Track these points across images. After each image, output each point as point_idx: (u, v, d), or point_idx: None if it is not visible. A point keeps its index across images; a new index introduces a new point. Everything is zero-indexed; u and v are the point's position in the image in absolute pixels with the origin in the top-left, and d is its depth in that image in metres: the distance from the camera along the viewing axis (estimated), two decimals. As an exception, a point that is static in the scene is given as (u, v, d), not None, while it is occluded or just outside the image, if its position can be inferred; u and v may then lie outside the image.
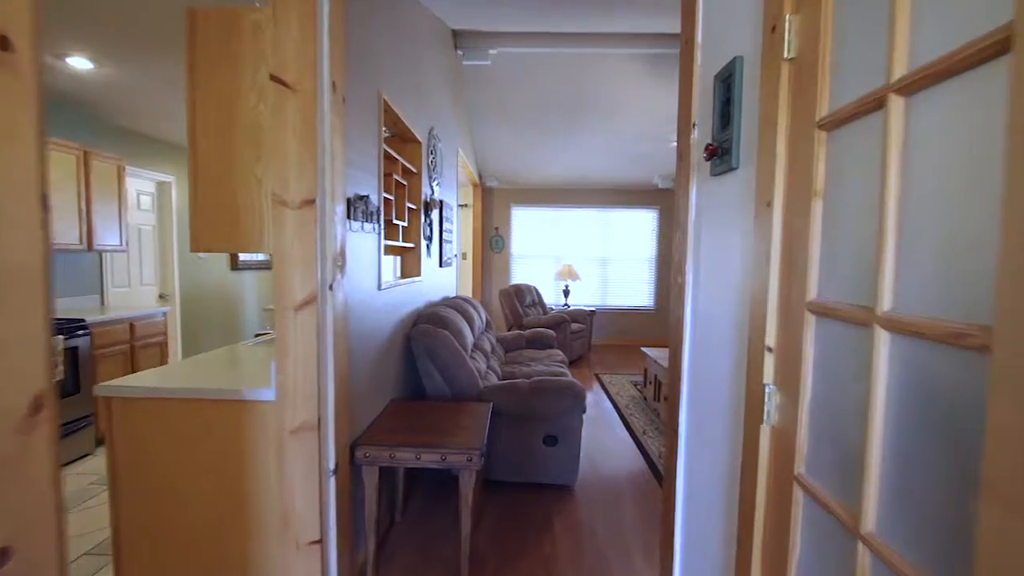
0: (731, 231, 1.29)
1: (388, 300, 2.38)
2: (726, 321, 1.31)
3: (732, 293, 1.28)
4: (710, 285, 1.43)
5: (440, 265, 3.79)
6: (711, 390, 1.41)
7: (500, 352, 4.21)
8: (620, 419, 4.02)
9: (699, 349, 1.51)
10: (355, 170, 1.87)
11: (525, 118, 5.45)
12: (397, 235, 2.63)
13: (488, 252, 7.47)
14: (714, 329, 1.39)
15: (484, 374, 3.07)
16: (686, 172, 1.57)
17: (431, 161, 3.28)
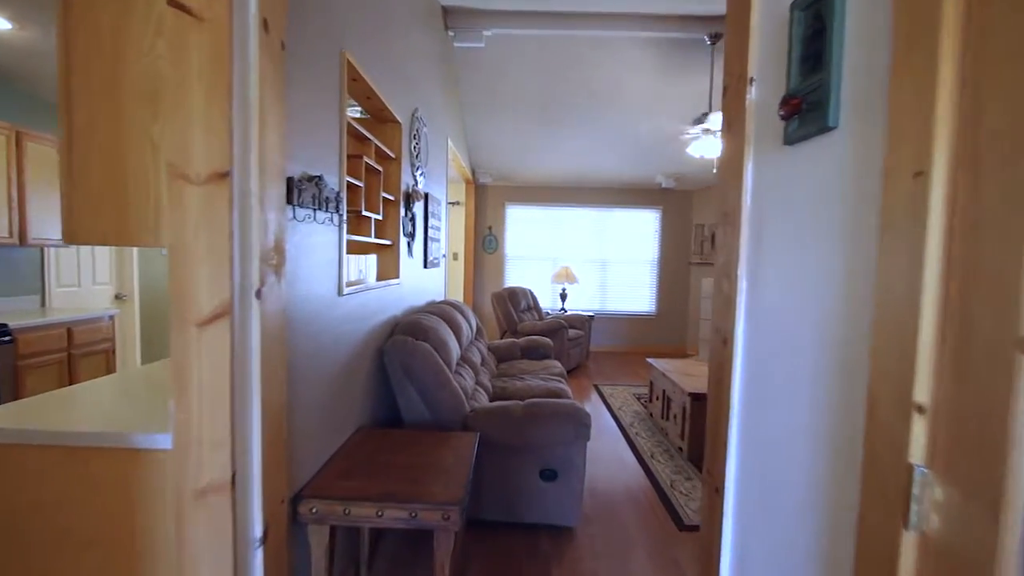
0: (821, 220, 0.89)
1: (354, 307, 1.97)
2: (809, 351, 0.91)
3: (823, 311, 0.88)
4: (779, 297, 1.03)
5: (425, 266, 3.38)
6: (780, 444, 1.00)
7: (492, 363, 3.80)
8: (624, 438, 3.62)
9: (757, 384, 1.11)
10: (303, 143, 1.46)
11: (521, 109, 5.05)
12: (368, 230, 2.22)
13: (481, 253, 7.07)
14: (785, 360, 0.99)
15: (472, 392, 2.66)
16: (738, 146, 1.17)
17: (414, 147, 2.87)
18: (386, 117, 2.47)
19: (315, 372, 1.60)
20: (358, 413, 2.06)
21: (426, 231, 3.36)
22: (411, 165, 2.88)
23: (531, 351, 4.16)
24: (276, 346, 1.24)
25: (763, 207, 1.10)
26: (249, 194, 1.11)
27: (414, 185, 2.88)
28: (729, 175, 1.22)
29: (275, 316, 1.23)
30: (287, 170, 1.33)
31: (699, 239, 6.79)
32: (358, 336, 2.05)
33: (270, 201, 1.19)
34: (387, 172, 2.55)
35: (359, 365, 2.07)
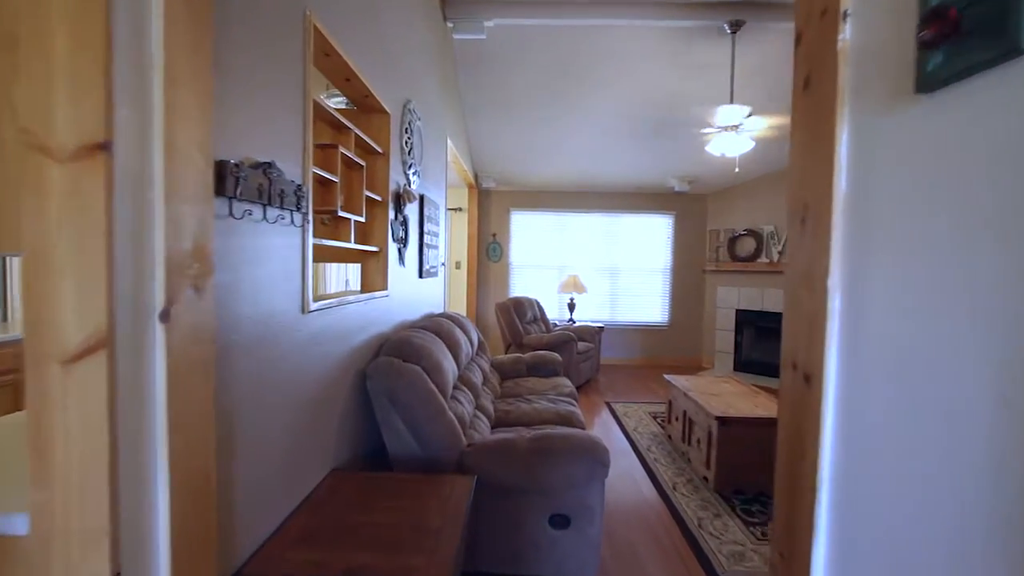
0: (1001, 205, 0.56)
1: (327, 325, 1.65)
2: (980, 415, 0.57)
3: (1012, 353, 0.54)
4: (903, 325, 0.69)
5: (420, 275, 3.06)
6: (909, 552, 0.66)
7: (495, 381, 3.46)
8: (641, 464, 3.26)
9: (860, 448, 0.77)
10: (250, 121, 1.15)
11: (526, 108, 4.76)
12: (348, 234, 1.90)
13: (484, 262, 6.75)
14: (921, 421, 0.66)
15: (470, 420, 2.33)
16: (822, 109, 0.84)
17: (406, 142, 2.57)
18: (372, 106, 2.17)
19: (269, 409, 1.28)
20: (333, 451, 1.73)
21: (421, 237, 3.05)
22: (402, 162, 2.57)
23: (538, 367, 3.82)
24: (197, 385, 0.92)
25: (870, 191, 0.77)
26: (145, 177, 0.79)
27: (406, 185, 2.57)
28: (808, 151, 0.89)
29: (195, 345, 0.91)
30: (218, 151, 1.02)
31: (714, 246, 6.44)
32: (333, 359, 1.72)
33: (184, 189, 0.87)
34: (372, 168, 2.24)
35: (335, 393, 1.75)
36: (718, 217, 6.50)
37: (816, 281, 0.85)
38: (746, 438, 2.82)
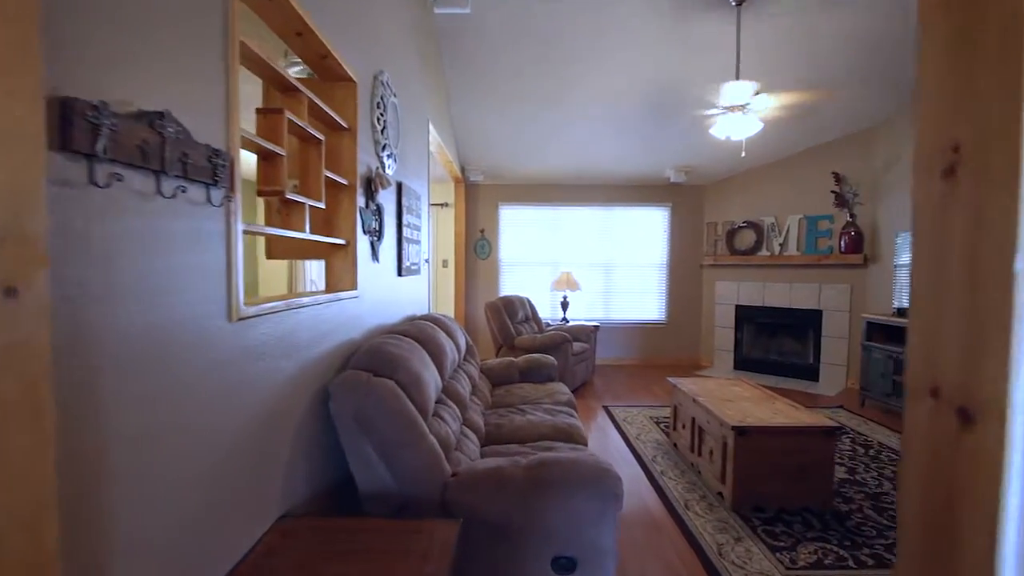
0: None
1: (268, 336, 1.31)
2: None
3: None
4: None
5: (399, 273, 2.72)
6: None
7: (485, 388, 3.13)
8: (647, 477, 2.96)
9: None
10: (124, 47, 0.81)
11: (514, 94, 4.43)
12: (302, 221, 1.56)
13: (473, 259, 6.42)
14: None
15: (457, 440, 2.00)
16: None
17: (378, 119, 2.23)
18: (334, 71, 1.83)
19: (172, 452, 0.94)
20: (281, 493, 1.39)
21: (400, 230, 2.71)
22: (374, 142, 2.23)
23: (532, 372, 3.50)
24: (11, 434, 0.59)
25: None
26: None
27: (379, 168, 2.23)
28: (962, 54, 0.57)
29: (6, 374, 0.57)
30: (57, 83, 0.68)
31: (712, 239, 6.17)
32: (284, 377, 1.39)
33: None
34: (336, 145, 1.90)
35: (284, 419, 1.41)
36: (716, 209, 6.23)
37: (985, 260, 0.54)
38: (765, 449, 2.53)
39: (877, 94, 4.41)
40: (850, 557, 2.14)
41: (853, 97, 4.37)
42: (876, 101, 4.52)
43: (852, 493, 2.75)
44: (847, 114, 4.71)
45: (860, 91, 4.30)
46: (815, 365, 5.41)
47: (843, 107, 4.53)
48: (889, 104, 4.57)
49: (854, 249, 5.03)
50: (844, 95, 4.28)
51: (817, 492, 2.54)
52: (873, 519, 2.46)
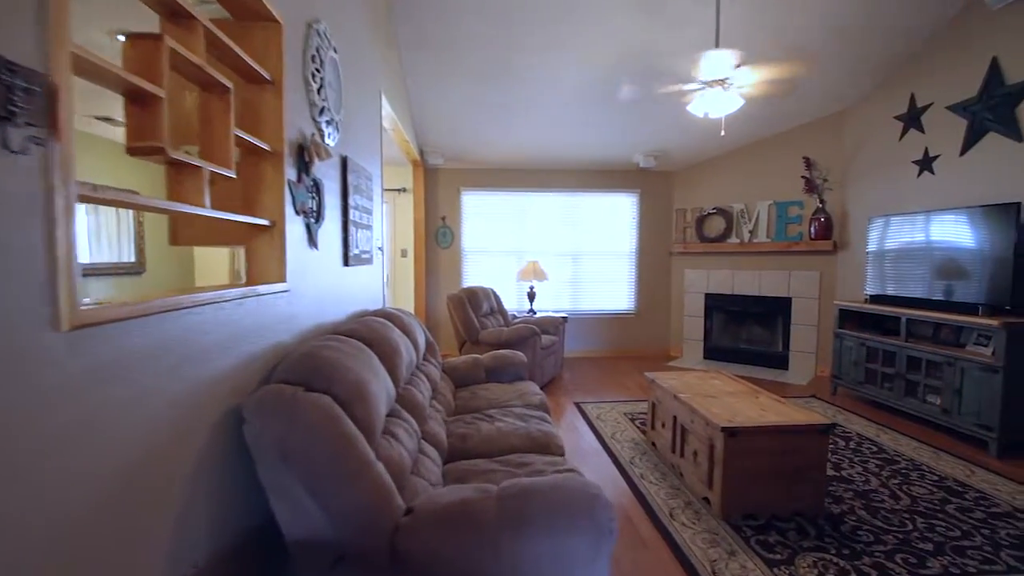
0: None
1: (131, 350, 0.94)
2: None
3: None
4: None
5: (346, 263, 2.35)
6: None
7: (448, 391, 2.81)
8: (627, 482, 2.71)
9: None
10: None
11: (475, 69, 4.06)
12: (198, 192, 1.18)
13: (434, 248, 6.04)
14: None
15: (413, 461, 1.67)
16: None
17: (312, 75, 1.84)
18: (249, 6, 1.44)
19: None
20: (170, 553, 1.04)
21: (346, 212, 2.34)
22: (309, 103, 1.85)
23: (499, 371, 3.20)
24: None
25: None
26: None
27: (315, 135, 1.85)
28: None
29: None
30: None
31: (681, 226, 6.01)
32: (164, 400, 1.03)
33: None
34: (253, 102, 1.52)
35: (172, 458, 1.05)
36: (685, 195, 6.06)
37: None
38: (756, 451, 2.32)
39: (849, 75, 4.29)
40: (852, 570, 1.95)
41: (827, 77, 4.23)
42: (847, 82, 4.41)
43: (841, 491, 2.59)
44: (818, 97, 4.59)
45: (834, 72, 4.16)
46: (784, 353, 5.34)
47: (815, 88, 4.40)
48: (862, 85, 4.47)
49: (823, 235, 4.95)
50: (821, 70, 4.13)
51: (810, 495, 2.36)
52: (867, 522, 2.30)
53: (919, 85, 4.06)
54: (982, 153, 3.58)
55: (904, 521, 2.30)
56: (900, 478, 2.74)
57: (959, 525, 2.27)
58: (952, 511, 2.39)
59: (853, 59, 4.04)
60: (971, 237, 3.37)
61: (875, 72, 4.29)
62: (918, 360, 3.60)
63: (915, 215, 3.83)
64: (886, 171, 4.41)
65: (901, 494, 2.56)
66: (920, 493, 2.57)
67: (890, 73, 4.31)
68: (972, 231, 3.37)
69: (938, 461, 2.98)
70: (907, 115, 4.18)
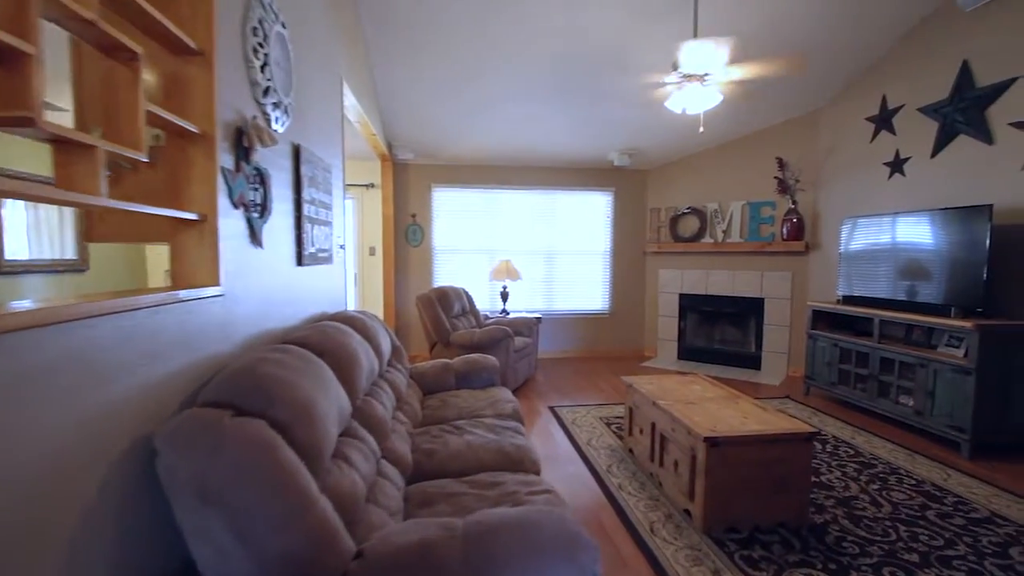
0: None
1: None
2: None
3: None
4: None
5: (299, 262, 2.13)
6: None
7: (415, 401, 2.61)
8: (604, 493, 2.58)
9: None
10: None
11: (445, 60, 3.87)
12: (92, 179, 0.96)
13: (403, 246, 5.80)
14: None
15: (369, 488, 1.48)
16: None
17: (255, 50, 1.63)
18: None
19: None
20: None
21: (299, 206, 2.12)
22: (250, 83, 1.63)
23: (470, 376, 3.02)
24: None
25: None
26: None
27: (256, 118, 1.63)
28: None
29: None
30: None
31: (656, 225, 5.95)
32: (29, 437, 0.82)
33: None
34: (177, 76, 1.30)
35: (54, 504, 0.84)
36: (659, 194, 6.00)
37: None
38: (739, 461, 2.21)
39: (822, 74, 4.27)
40: (840, 586, 1.85)
41: (800, 78, 4.20)
42: (820, 82, 4.39)
43: (822, 499, 2.51)
44: (792, 97, 4.57)
45: (810, 71, 4.13)
46: (757, 354, 5.33)
47: (789, 88, 4.36)
48: (835, 85, 4.46)
49: (796, 236, 4.94)
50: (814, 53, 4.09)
51: (793, 505, 2.27)
52: (851, 532, 2.22)
53: (890, 87, 4.07)
54: (953, 155, 3.59)
55: (887, 530, 2.23)
56: (879, 483, 2.69)
57: (941, 533, 2.21)
58: (933, 518, 2.34)
59: (827, 58, 4.02)
60: (944, 239, 3.37)
61: (847, 72, 4.29)
62: (891, 361, 3.59)
63: (886, 216, 3.82)
64: (858, 172, 4.42)
65: (882, 500, 2.50)
66: (900, 499, 2.52)
67: (862, 74, 4.31)
68: (944, 233, 3.37)
69: (914, 464, 2.95)
70: (879, 117, 4.19)
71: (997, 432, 3.04)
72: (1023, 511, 2.41)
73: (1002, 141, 3.26)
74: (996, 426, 3.04)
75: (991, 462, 2.98)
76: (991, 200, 3.26)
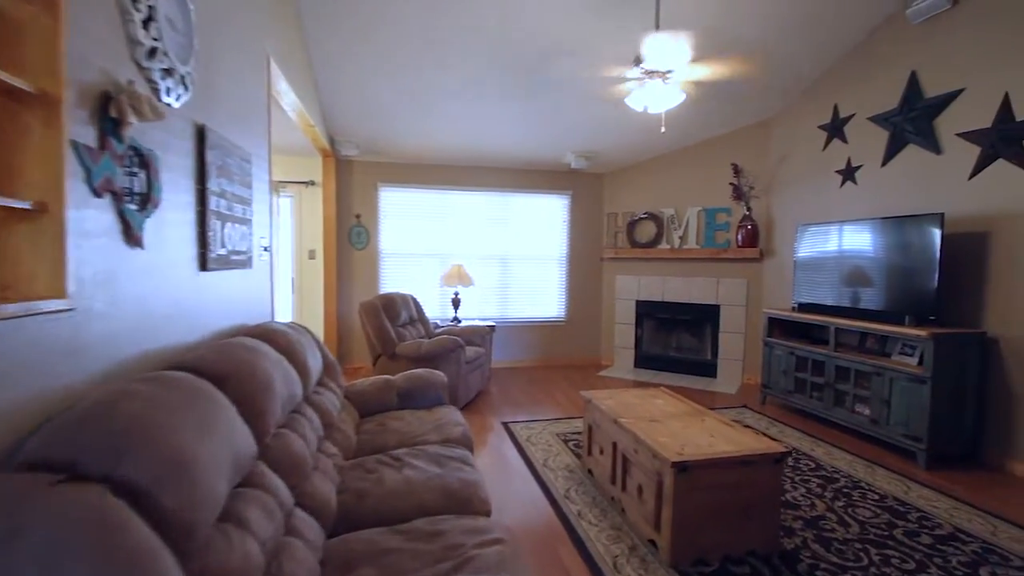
0: None
1: None
2: None
3: None
4: None
5: (204, 266, 1.78)
6: None
7: (350, 425, 2.29)
8: (561, 522, 2.34)
9: None
10: None
11: (392, 46, 3.56)
12: None
13: (347, 249, 5.41)
14: None
15: (268, 562, 1.17)
16: None
17: (134, 1, 1.29)
18: None
19: None
20: None
21: (204, 199, 1.77)
22: (128, 39, 1.29)
23: (414, 395, 2.72)
24: None
25: None
26: None
27: (133, 83, 1.29)
28: None
29: None
30: None
31: (612, 230, 5.83)
32: None
33: None
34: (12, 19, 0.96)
35: None
36: (616, 199, 5.89)
37: None
38: (709, 487, 2.03)
39: (777, 82, 4.26)
40: (820, 626, 1.69)
41: (755, 84, 4.17)
42: (775, 90, 4.39)
43: (790, 520, 2.38)
44: (747, 103, 4.54)
45: (765, 77, 4.10)
46: (713, 361, 5.28)
47: (746, 93, 4.33)
48: (789, 92, 4.47)
49: (750, 243, 4.93)
50: (757, 69, 4.05)
51: (763, 530, 2.11)
52: (823, 557, 2.08)
53: (842, 95, 4.10)
54: (903, 164, 3.62)
55: (859, 553, 2.11)
56: (844, 499, 2.59)
57: (911, 554, 2.11)
58: (901, 537, 2.25)
59: (782, 65, 4.00)
60: (896, 247, 3.37)
61: (801, 80, 4.30)
62: (847, 370, 3.56)
63: (839, 224, 3.82)
64: (811, 180, 4.44)
65: (849, 519, 2.39)
66: (866, 516, 2.42)
67: (815, 82, 4.34)
68: (897, 241, 3.37)
69: (874, 476, 2.89)
70: (830, 125, 4.21)
71: (952, 442, 3.04)
72: (983, 524, 2.37)
73: (950, 151, 3.30)
74: (951, 436, 3.04)
75: (946, 472, 2.97)
76: (940, 208, 3.29)
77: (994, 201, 3.06)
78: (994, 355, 3.05)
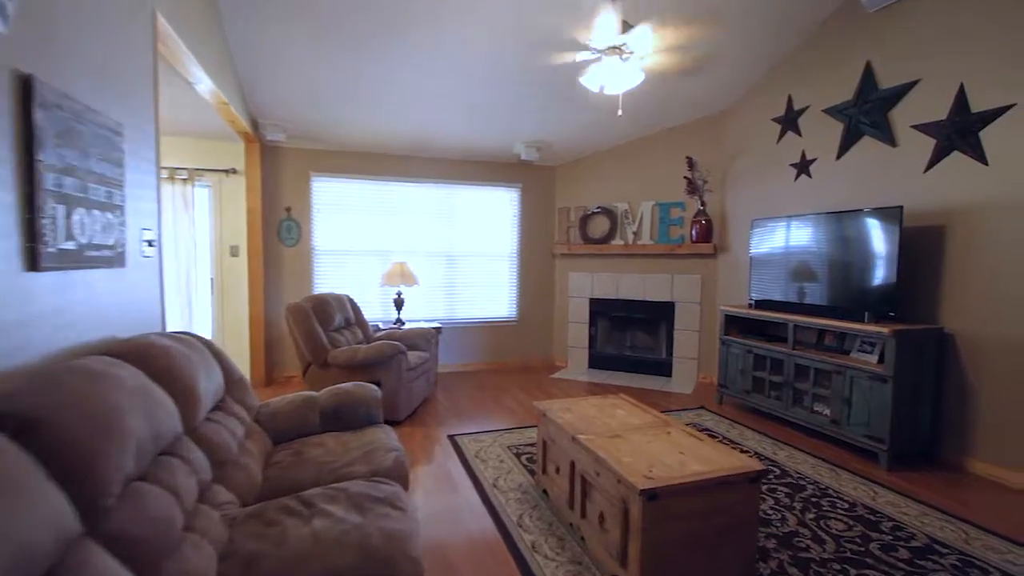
0: None
1: None
2: None
3: None
4: None
5: (35, 265, 1.33)
6: None
7: (256, 459, 1.88)
8: (513, 557, 2.03)
9: None
10: None
11: (324, 23, 3.11)
12: None
13: (275, 245, 4.87)
14: None
15: None
16: None
17: None
18: None
19: None
20: None
21: (31, 176, 1.32)
22: None
23: (342, 414, 2.32)
24: None
25: None
26: None
27: None
28: None
29: None
30: None
31: (565, 225, 5.58)
32: None
33: None
34: None
35: None
36: (568, 193, 5.64)
37: None
38: (680, 514, 1.77)
39: (733, 70, 4.13)
40: (812, 678, 1.46)
41: (711, 76, 4.01)
42: (729, 81, 4.25)
43: (763, 539, 2.17)
44: (700, 95, 4.39)
45: (719, 66, 3.94)
46: (669, 360, 5.14)
47: (698, 85, 4.17)
48: (743, 83, 4.35)
49: (704, 238, 4.80)
50: (713, 59, 3.87)
51: (739, 558, 1.88)
52: (802, 585, 1.87)
53: (796, 87, 4.00)
54: (858, 157, 3.55)
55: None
56: (814, 510, 2.43)
57: (892, 572, 1.94)
58: (878, 552, 2.08)
59: (735, 54, 3.85)
60: (854, 241, 3.28)
61: (754, 71, 4.18)
62: (806, 368, 3.45)
63: (795, 218, 3.72)
64: (765, 173, 4.34)
65: (823, 534, 2.22)
66: (840, 529, 2.26)
67: (768, 74, 4.24)
68: (855, 235, 3.28)
69: (839, 481, 2.76)
70: (784, 117, 4.12)
71: (911, 441, 2.97)
72: (955, 532, 2.25)
73: (905, 143, 3.23)
74: (911, 435, 2.96)
75: (907, 472, 2.88)
76: (896, 202, 3.22)
77: (950, 194, 3.00)
78: (949, 351, 3.00)
